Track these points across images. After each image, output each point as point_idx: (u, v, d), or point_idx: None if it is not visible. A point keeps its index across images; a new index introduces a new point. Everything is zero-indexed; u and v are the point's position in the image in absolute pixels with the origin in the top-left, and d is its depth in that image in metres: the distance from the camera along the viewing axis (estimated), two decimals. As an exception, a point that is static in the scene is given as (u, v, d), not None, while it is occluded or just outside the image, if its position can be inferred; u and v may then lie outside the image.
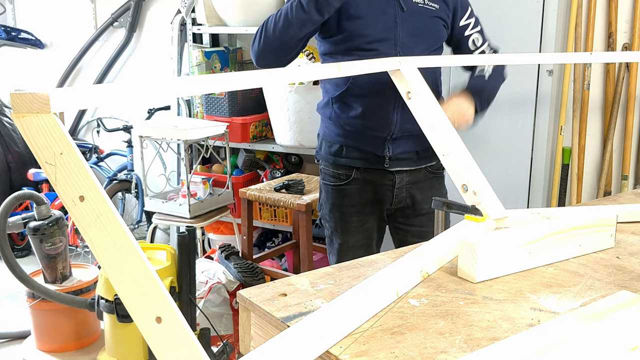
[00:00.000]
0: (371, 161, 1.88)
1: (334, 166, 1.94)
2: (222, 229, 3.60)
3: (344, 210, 1.95)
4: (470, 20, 1.90)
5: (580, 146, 2.84)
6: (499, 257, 1.13)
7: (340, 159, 1.92)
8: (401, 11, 1.79)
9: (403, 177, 1.90)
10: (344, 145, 1.91)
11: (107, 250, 0.76)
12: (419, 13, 1.80)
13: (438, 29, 1.85)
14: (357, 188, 1.92)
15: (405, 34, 1.79)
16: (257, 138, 3.50)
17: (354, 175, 1.91)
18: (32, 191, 2.40)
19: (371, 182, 1.91)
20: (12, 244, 3.97)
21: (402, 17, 1.79)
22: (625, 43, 2.75)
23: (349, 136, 1.89)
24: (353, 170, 1.91)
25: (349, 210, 1.94)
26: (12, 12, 4.71)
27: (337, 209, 1.96)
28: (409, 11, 1.79)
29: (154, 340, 0.74)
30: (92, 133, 4.34)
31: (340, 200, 1.94)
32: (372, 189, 1.92)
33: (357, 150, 1.89)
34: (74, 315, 2.39)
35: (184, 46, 3.66)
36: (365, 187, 1.92)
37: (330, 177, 1.96)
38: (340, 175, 1.93)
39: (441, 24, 1.85)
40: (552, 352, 0.80)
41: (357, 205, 1.94)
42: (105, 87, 0.89)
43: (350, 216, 1.95)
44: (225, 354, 2.05)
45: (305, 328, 0.88)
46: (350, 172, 1.92)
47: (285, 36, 1.72)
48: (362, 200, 1.93)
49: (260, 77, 1.23)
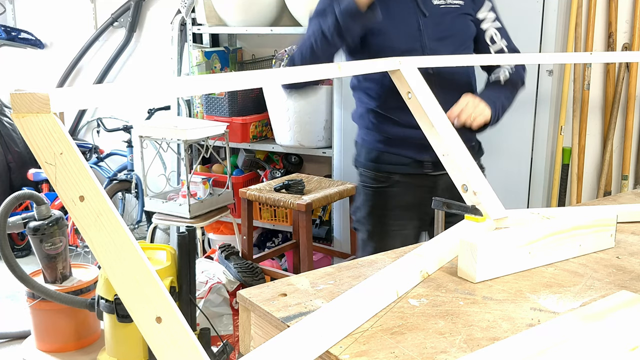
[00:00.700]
0: (412, 166, 1.85)
1: (375, 170, 1.91)
2: (222, 229, 3.60)
3: (383, 214, 1.91)
4: (489, 15, 1.83)
5: (580, 146, 2.84)
6: (499, 257, 1.13)
7: (381, 165, 1.89)
8: (423, 17, 1.75)
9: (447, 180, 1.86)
10: (384, 152, 1.88)
11: (107, 250, 0.76)
12: (442, 15, 1.76)
13: (466, 26, 1.80)
14: (398, 191, 1.89)
15: (431, 39, 1.75)
16: (257, 138, 3.50)
17: (395, 178, 1.88)
18: (32, 191, 2.40)
19: (412, 185, 1.88)
20: (12, 244, 3.97)
21: (425, 23, 1.75)
22: (625, 43, 2.75)
23: (389, 143, 1.86)
24: (394, 174, 1.88)
25: (389, 214, 1.90)
26: (12, 12, 4.71)
27: (375, 212, 1.92)
28: (432, 15, 1.75)
29: (154, 340, 0.74)
30: (92, 133, 4.34)
31: (380, 202, 1.90)
32: (414, 192, 1.88)
33: (397, 155, 1.86)
34: (74, 315, 2.39)
35: (184, 46, 3.66)
36: (407, 191, 1.88)
37: (371, 180, 1.92)
38: (382, 178, 1.90)
39: (469, 19, 1.80)
40: (552, 352, 0.80)
41: (396, 209, 1.89)
42: (105, 87, 0.89)
43: (389, 219, 1.90)
44: (225, 354, 2.05)
45: (305, 328, 0.88)
46: (391, 176, 1.88)
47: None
48: (402, 204, 1.89)
49: (260, 77, 1.23)
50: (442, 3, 1.76)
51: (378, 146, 1.89)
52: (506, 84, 1.82)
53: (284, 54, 3.29)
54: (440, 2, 1.76)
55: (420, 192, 1.88)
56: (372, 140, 1.91)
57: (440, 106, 1.48)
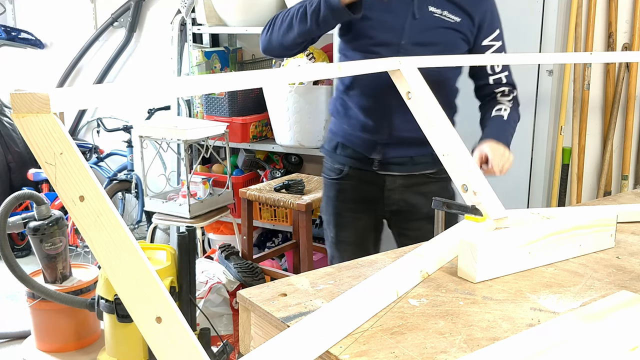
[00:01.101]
0: (362, 162, 1.89)
1: (332, 161, 1.97)
2: (222, 229, 3.60)
3: (336, 205, 1.97)
4: (496, 43, 1.81)
5: (580, 146, 2.84)
6: (499, 257, 1.13)
7: (336, 155, 1.95)
8: (413, 18, 1.74)
9: (395, 180, 1.89)
10: (340, 143, 1.93)
11: (107, 250, 0.76)
12: (432, 23, 1.74)
13: (453, 42, 1.77)
14: (350, 185, 1.94)
15: (410, 42, 1.74)
16: (257, 138, 3.50)
17: (346, 171, 1.93)
18: (32, 191, 2.40)
19: (363, 181, 1.92)
20: (12, 244, 3.97)
21: (411, 25, 1.74)
22: (625, 43, 2.75)
23: (346, 135, 1.91)
24: (346, 167, 1.93)
25: (341, 205, 1.96)
26: (12, 12, 4.71)
27: (331, 203, 1.99)
28: (421, 20, 1.73)
29: (154, 340, 0.74)
30: (92, 133, 4.34)
31: (334, 194, 1.97)
32: (364, 188, 1.93)
33: (350, 149, 1.91)
34: (74, 315, 2.39)
35: (184, 46, 3.66)
36: (358, 185, 1.93)
37: (328, 170, 2.00)
38: (336, 169, 1.96)
39: (459, 37, 1.77)
40: (552, 352, 0.80)
41: (348, 201, 1.95)
42: (105, 87, 0.89)
43: (342, 211, 1.97)
44: (225, 354, 2.05)
45: (305, 328, 0.88)
46: (343, 168, 1.94)
47: (286, 38, 1.77)
48: (354, 197, 1.95)
49: (260, 77, 1.23)
50: (437, 12, 1.74)
51: (337, 136, 1.94)
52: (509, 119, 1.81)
53: (284, 54, 3.29)
54: (436, 11, 1.74)
55: (370, 189, 1.92)
56: (334, 129, 1.96)
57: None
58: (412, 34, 1.74)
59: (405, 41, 1.74)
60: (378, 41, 1.75)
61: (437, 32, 1.75)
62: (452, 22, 1.75)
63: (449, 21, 1.75)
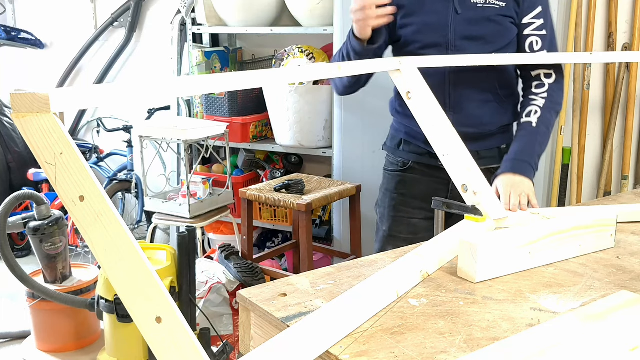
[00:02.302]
0: (427, 157, 1.85)
1: (395, 157, 1.95)
2: (222, 229, 3.60)
3: (394, 197, 1.93)
4: (537, 21, 1.72)
5: (580, 146, 2.84)
6: (499, 257, 1.13)
7: (400, 151, 1.93)
8: (456, 14, 1.70)
9: None
10: (404, 140, 1.91)
11: (107, 250, 0.76)
12: (477, 14, 1.69)
13: (503, 29, 1.71)
14: (413, 178, 1.91)
15: (458, 37, 1.71)
16: (257, 138, 3.50)
17: (410, 165, 1.90)
18: (32, 191, 2.40)
19: (428, 175, 1.88)
20: (12, 244, 3.97)
21: (456, 21, 1.70)
22: (625, 43, 2.75)
23: (409, 131, 1.88)
24: (410, 161, 1.91)
25: (400, 199, 1.92)
26: (12, 12, 4.71)
27: (389, 195, 1.95)
28: (465, 13, 1.69)
29: (154, 340, 0.74)
30: (92, 133, 4.34)
31: (394, 186, 1.93)
32: (428, 182, 1.89)
33: (414, 145, 1.89)
34: (74, 315, 2.39)
35: (184, 46, 3.66)
36: (422, 179, 1.90)
37: (390, 164, 1.97)
38: (399, 162, 1.93)
39: (508, 21, 1.71)
40: (552, 352, 0.80)
41: (408, 195, 1.91)
42: (105, 87, 0.89)
43: (400, 204, 1.93)
44: (225, 354, 2.05)
45: (305, 328, 0.88)
46: (407, 162, 1.91)
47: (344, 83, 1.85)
48: (414, 192, 1.90)
49: (260, 77, 1.23)
50: (480, 2, 1.70)
51: (400, 133, 1.92)
52: (539, 124, 1.70)
53: (284, 54, 3.29)
54: (479, 1, 1.69)
55: (434, 184, 1.88)
56: (397, 126, 1.94)
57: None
58: (459, 29, 1.71)
59: (453, 38, 1.71)
60: (425, 44, 1.73)
61: (484, 22, 1.70)
62: (497, 8, 1.70)
63: (495, 8, 1.70)
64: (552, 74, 1.76)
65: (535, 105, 1.73)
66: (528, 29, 1.73)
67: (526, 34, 1.74)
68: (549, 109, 1.74)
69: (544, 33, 1.73)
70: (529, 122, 1.71)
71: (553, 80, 1.76)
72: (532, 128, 1.70)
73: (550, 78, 1.76)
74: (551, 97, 1.75)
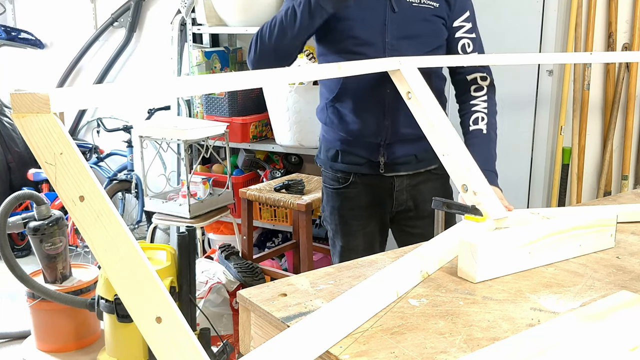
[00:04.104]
0: (367, 166, 1.85)
1: (333, 170, 1.92)
2: (222, 229, 3.60)
3: (343, 214, 1.93)
4: (467, 24, 1.76)
5: (580, 146, 2.84)
6: (499, 257, 1.13)
7: (337, 163, 1.90)
8: (392, 12, 1.69)
9: (403, 181, 1.87)
10: (340, 150, 1.88)
11: (107, 250, 0.76)
12: (412, 14, 1.70)
13: (437, 29, 1.74)
14: (356, 192, 1.90)
15: (394, 36, 1.70)
16: (257, 138, 3.50)
17: (352, 179, 1.89)
18: (32, 191, 2.40)
19: (370, 186, 1.89)
20: (12, 244, 3.97)
21: (392, 19, 1.69)
22: (625, 43, 2.75)
23: (344, 141, 1.86)
24: (351, 174, 1.89)
25: (349, 214, 1.92)
26: (12, 12, 4.71)
27: (337, 212, 1.94)
28: (401, 12, 1.69)
29: (154, 340, 0.74)
30: (92, 133, 4.34)
31: (340, 203, 1.92)
32: (371, 193, 1.90)
33: (352, 155, 1.86)
34: (74, 315, 2.39)
35: (184, 46, 3.66)
36: (365, 191, 1.90)
37: (330, 180, 1.94)
38: (339, 178, 1.91)
39: (441, 22, 1.73)
40: (552, 352, 0.80)
41: (356, 209, 1.91)
42: (105, 87, 0.89)
43: (350, 219, 1.93)
44: (225, 354, 2.05)
45: (305, 328, 0.88)
46: (348, 176, 1.89)
47: (280, 43, 1.70)
48: (361, 204, 1.91)
49: (260, 77, 1.23)
50: (415, 1, 1.70)
51: (335, 144, 1.89)
52: (489, 131, 1.74)
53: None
54: (414, 0, 1.70)
55: (378, 193, 1.89)
56: (330, 138, 1.91)
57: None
58: (394, 29, 1.70)
59: (390, 37, 1.70)
60: (362, 41, 1.71)
61: (419, 22, 1.71)
62: (431, 9, 1.71)
63: (429, 8, 1.71)
64: (487, 77, 1.79)
65: (480, 111, 1.76)
66: (459, 32, 1.76)
67: (458, 36, 1.77)
68: (493, 114, 1.78)
69: (473, 36, 1.78)
70: (479, 129, 1.74)
71: (489, 83, 1.80)
72: (484, 136, 1.73)
73: (486, 81, 1.79)
74: (491, 99, 1.79)
